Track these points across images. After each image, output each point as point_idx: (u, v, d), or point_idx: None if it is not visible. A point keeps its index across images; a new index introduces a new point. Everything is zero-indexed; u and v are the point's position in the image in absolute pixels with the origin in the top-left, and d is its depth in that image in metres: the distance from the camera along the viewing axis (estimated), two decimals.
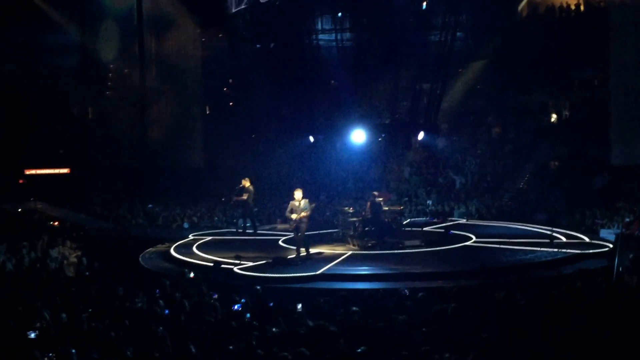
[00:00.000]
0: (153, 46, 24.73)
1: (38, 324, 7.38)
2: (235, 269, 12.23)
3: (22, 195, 21.80)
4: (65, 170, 23.47)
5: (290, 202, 13.10)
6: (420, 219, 19.78)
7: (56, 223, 19.21)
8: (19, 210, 20.43)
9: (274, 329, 7.11)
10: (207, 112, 26.28)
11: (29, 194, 22.00)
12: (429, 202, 21.86)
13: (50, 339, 6.77)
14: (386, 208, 15.68)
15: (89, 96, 24.49)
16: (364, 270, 12.41)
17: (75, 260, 14.85)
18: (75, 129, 24.33)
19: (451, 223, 18.27)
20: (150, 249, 15.48)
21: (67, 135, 23.94)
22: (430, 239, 15.18)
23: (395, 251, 14.05)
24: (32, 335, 6.63)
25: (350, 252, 14.02)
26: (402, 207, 18.32)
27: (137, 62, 24.53)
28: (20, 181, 22.98)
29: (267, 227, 18.76)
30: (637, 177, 19.88)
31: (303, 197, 12.99)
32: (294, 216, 12.89)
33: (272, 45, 25.34)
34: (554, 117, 24.05)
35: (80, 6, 23.86)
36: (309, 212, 13.04)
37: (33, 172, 23.20)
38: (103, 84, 24.62)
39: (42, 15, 23.66)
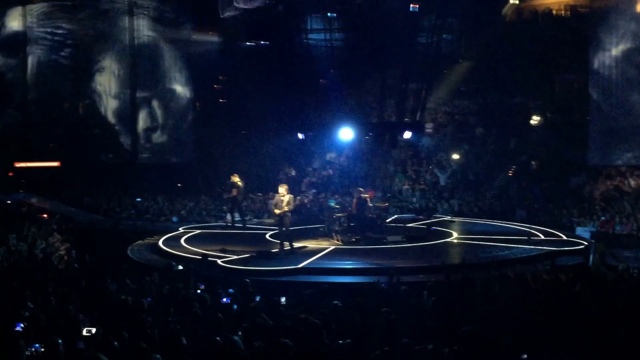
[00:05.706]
0: (144, 41, 24.91)
1: (27, 313, 7.56)
2: (219, 261, 12.56)
3: (12, 188, 21.92)
4: (55, 164, 23.58)
5: (275, 196, 13.51)
6: (407, 215, 20.23)
7: (45, 215, 19.37)
8: (8, 202, 20.56)
9: (259, 321, 7.35)
10: (198, 108, 26.51)
11: (18, 186, 22.14)
12: (414, 199, 22.30)
13: (38, 329, 6.85)
14: (371, 205, 16.07)
15: (80, 91, 24.65)
16: (346, 264, 12.79)
17: (64, 252, 15.06)
18: (66, 123, 24.43)
19: (435, 220, 18.70)
20: (139, 241, 15.76)
21: (58, 129, 24.08)
22: (413, 235, 15.61)
23: (378, 246, 14.46)
24: (20, 327, 6.60)
25: (333, 247, 14.41)
26: (387, 204, 18.76)
27: (128, 57, 24.71)
28: (10, 173, 23.06)
29: (256, 221, 19.11)
30: (611, 177, 20.50)
31: (288, 193, 13.40)
32: (277, 211, 13.30)
33: (263, 43, 25.62)
34: (535, 118, 24.56)
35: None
36: (292, 207, 13.45)
37: (23, 164, 23.28)
38: (93, 78, 24.72)
39: (37, 8, 23.80)
